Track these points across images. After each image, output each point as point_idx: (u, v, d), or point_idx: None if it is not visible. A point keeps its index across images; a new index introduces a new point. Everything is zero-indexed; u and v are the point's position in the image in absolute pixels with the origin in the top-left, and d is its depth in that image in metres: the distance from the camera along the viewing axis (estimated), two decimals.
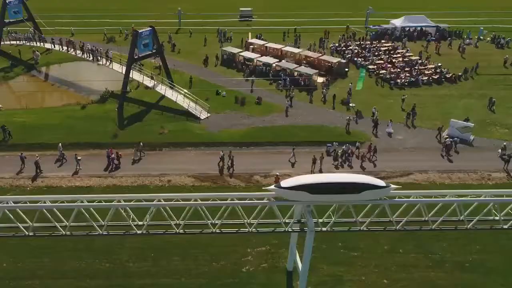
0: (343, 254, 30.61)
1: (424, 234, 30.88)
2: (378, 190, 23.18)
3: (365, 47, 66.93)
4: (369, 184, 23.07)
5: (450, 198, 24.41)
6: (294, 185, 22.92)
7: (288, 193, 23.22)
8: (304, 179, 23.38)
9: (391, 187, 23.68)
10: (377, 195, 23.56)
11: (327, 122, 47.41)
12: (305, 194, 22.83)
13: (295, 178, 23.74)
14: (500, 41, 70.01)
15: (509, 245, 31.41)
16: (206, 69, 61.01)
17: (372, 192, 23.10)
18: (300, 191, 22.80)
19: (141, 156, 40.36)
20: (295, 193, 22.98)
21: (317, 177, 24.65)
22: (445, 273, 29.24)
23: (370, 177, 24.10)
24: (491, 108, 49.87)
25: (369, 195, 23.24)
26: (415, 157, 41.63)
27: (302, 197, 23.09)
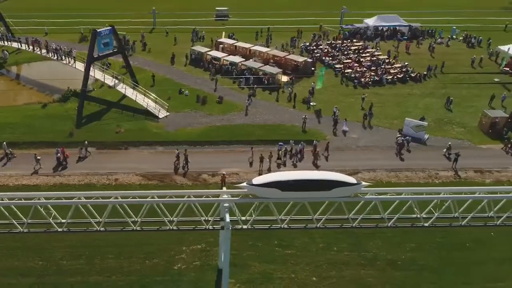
0: (277, 252, 30.75)
1: (361, 232, 31.15)
2: (349, 187, 23.46)
3: (335, 47, 67.03)
4: (340, 181, 23.30)
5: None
6: (265, 182, 23.23)
7: (259, 190, 23.51)
8: (275, 177, 23.64)
9: (362, 184, 23.95)
10: (348, 192, 23.82)
11: (286, 121, 47.53)
12: (276, 192, 23.16)
13: (267, 175, 24.07)
14: (471, 40, 70.04)
15: (444, 242, 31.59)
16: (173, 68, 61.10)
17: (343, 189, 23.38)
18: (271, 188, 23.13)
19: (86, 155, 40.45)
20: (266, 190, 23.33)
21: (288, 174, 24.81)
22: (376, 271, 29.40)
23: (342, 175, 24.20)
24: (448, 107, 49.97)
25: (340, 192, 23.54)
26: (367, 156, 41.77)
27: (273, 195, 23.40)
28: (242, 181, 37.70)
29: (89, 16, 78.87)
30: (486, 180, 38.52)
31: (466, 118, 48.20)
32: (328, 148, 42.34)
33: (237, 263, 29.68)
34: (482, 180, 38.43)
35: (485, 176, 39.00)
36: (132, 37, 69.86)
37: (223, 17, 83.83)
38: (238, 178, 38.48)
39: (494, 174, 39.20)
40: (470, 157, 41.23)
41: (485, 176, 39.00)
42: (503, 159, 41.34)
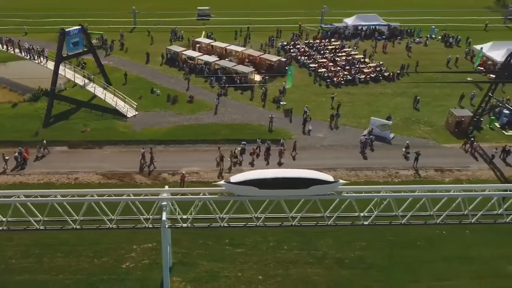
0: (227, 250, 30.80)
1: (312, 231, 31.16)
2: (327, 185, 23.64)
3: (312, 46, 67.08)
4: (317, 179, 23.46)
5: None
6: (242, 180, 23.38)
7: (237, 189, 23.65)
8: (252, 175, 23.82)
9: (340, 182, 24.13)
10: (326, 190, 23.97)
11: (253, 121, 47.58)
12: (253, 190, 23.33)
13: (245, 173, 24.16)
14: (449, 40, 70.07)
15: (395, 241, 31.64)
16: (148, 68, 61.09)
17: (320, 187, 23.53)
18: (248, 186, 23.29)
19: (45, 153, 40.47)
20: (244, 188, 23.47)
21: (266, 172, 24.94)
22: (323, 269, 29.46)
23: (319, 173, 24.34)
24: (416, 107, 50.00)
25: (317, 190, 23.68)
26: (331, 155, 41.83)
27: (251, 192, 23.57)
28: (202, 180, 38.18)
29: (69, 15, 78.70)
30: (446, 179, 38.60)
31: (434, 117, 48.23)
32: (295, 147, 42.40)
33: (185, 262, 29.81)
34: (441, 179, 38.52)
35: (445, 175, 39.06)
36: (112, 36, 69.79)
37: (205, 17, 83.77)
38: (198, 177, 38.62)
39: (455, 173, 39.24)
40: (433, 156, 41.38)
41: (445, 175, 39.06)
42: (465, 158, 41.40)
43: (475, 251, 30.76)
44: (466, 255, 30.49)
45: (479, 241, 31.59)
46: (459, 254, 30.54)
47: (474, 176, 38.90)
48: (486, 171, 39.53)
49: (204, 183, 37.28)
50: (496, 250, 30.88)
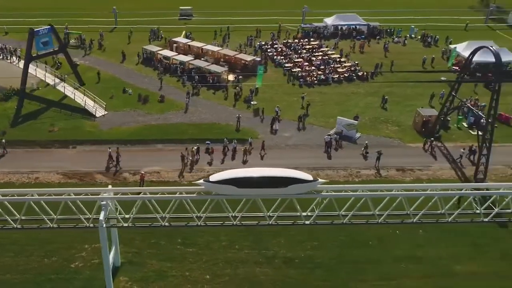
0: (178, 250, 30.87)
1: (265, 230, 31.26)
2: (306, 184, 23.67)
3: (290, 46, 67.12)
4: (297, 178, 23.52)
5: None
6: (221, 179, 23.44)
7: (216, 187, 23.72)
8: (231, 174, 23.86)
9: (319, 181, 24.19)
10: (305, 189, 24.01)
11: (222, 120, 47.61)
12: (232, 188, 23.39)
13: (224, 172, 24.15)
14: (427, 39, 70.11)
15: (347, 240, 31.70)
16: (123, 67, 61.08)
17: (299, 186, 23.58)
18: (227, 185, 23.36)
19: (4, 153, 40.53)
20: (223, 187, 23.52)
21: (245, 171, 24.96)
22: (271, 269, 29.53)
23: (299, 172, 24.41)
24: (383, 106, 50.05)
25: (296, 189, 23.73)
26: (294, 154, 41.87)
27: (230, 191, 23.61)
28: (162, 179, 38.21)
29: (51, 15, 78.61)
30: (406, 178, 38.66)
31: (403, 117, 48.28)
32: (263, 146, 42.47)
33: (135, 261, 29.90)
34: (402, 179, 38.60)
35: (406, 175, 39.13)
36: (93, 36, 69.65)
37: (187, 16, 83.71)
38: (158, 177, 38.69)
39: (416, 173, 39.31)
40: (397, 155, 41.50)
41: (406, 175, 39.12)
42: (428, 157, 41.50)
43: (426, 251, 30.85)
44: (416, 254, 30.57)
45: (431, 241, 31.70)
46: (409, 254, 30.60)
47: (435, 175, 38.98)
48: (448, 171, 39.62)
49: (164, 183, 37.37)
50: (446, 250, 30.99)
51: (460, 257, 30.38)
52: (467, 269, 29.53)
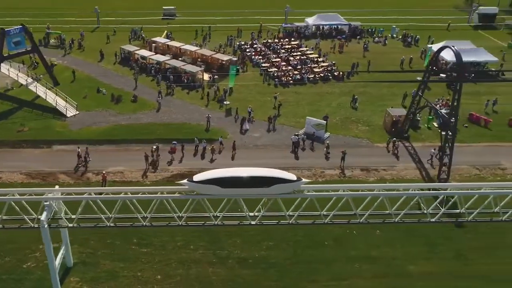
0: (133, 250, 30.78)
1: (221, 230, 31.23)
2: (289, 184, 23.71)
3: (270, 46, 67.04)
4: (280, 178, 23.57)
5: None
6: (205, 179, 23.48)
7: (199, 187, 23.73)
8: (215, 173, 23.90)
9: (302, 181, 24.21)
10: (288, 189, 24.05)
11: (193, 120, 47.52)
12: (216, 188, 23.43)
13: (207, 172, 24.19)
14: (407, 39, 70.05)
15: (303, 240, 31.63)
16: (101, 67, 61.00)
17: (282, 186, 23.64)
18: (211, 185, 23.40)
19: None
20: (207, 187, 23.55)
21: (229, 171, 24.89)
22: (224, 269, 29.45)
23: (282, 171, 24.41)
24: (353, 106, 50.00)
25: (280, 189, 23.77)
26: (261, 155, 41.78)
27: (214, 191, 23.64)
28: (125, 179, 38.12)
29: (34, 15, 78.59)
30: (370, 178, 38.60)
31: (374, 117, 48.19)
32: (234, 146, 42.41)
33: (88, 262, 29.82)
34: (366, 179, 38.55)
35: (370, 175, 39.07)
36: (74, 36, 69.51)
37: (171, 16, 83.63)
38: (121, 177, 38.60)
39: (380, 173, 39.24)
40: (363, 155, 41.53)
41: (370, 175, 39.06)
42: (394, 157, 41.31)
43: (381, 251, 30.77)
44: (371, 255, 30.50)
45: (387, 241, 31.63)
46: (364, 254, 30.54)
47: (399, 175, 38.93)
48: (412, 171, 39.57)
49: (127, 183, 37.34)
50: (401, 250, 30.93)
51: (415, 257, 30.31)
52: (421, 269, 29.46)
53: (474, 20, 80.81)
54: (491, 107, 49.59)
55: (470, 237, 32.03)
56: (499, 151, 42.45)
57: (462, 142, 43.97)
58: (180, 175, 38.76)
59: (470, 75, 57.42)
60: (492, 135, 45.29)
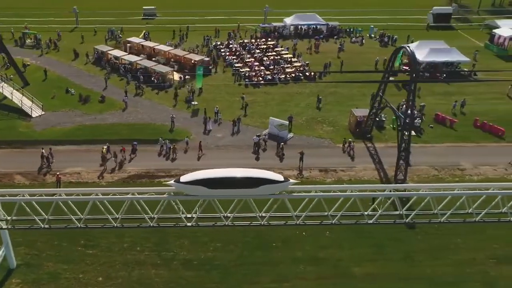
0: (78, 252, 30.58)
1: (171, 231, 31.11)
2: (276, 184, 23.54)
3: (245, 46, 66.88)
4: (267, 178, 23.39)
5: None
6: (192, 179, 23.28)
7: (186, 188, 23.52)
8: (202, 174, 23.66)
9: (290, 182, 24.06)
10: (275, 190, 23.90)
11: (158, 120, 47.34)
12: (203, 189, 23.24)
13: (194, 173, 23.96)
14: (384, 39, 69.88)
15: (251, 242, 31.46)
16: (73, 67, 60.80)
17: (270, 186, 23.47)
18: (198, 185, 23.20)
19: None
20: (193, 188, 23.35)
21: (215, 172, 24.58)
22: (168, 271, 29.28)
23: (269, 172, 24.30)
24: (318, 106, 49.83)
25: (267, 190, 23.59)
26: (222, 155, 41.57)
27: (200, 192, 23.46)
28: (82, 180, 37.95)
29: (12, 15, 78.47)
30: (328, 179, 38.40)
31: (341, 117, 48.00)
32: (201, 147, 42.27)
33: (32, 263, 29.64)
34: (323, 179, 38.33)
35: (328, 176, 38.90)
36: (52, 36, 69.31)
37: (151, 16, 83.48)
38: (78, 178, 38.41)
39: (338, 173, 39.06)
40: (324, 156, 41.42)
41: (328, 176, 38.89)
42: (355, 158, 41.10)
43: (328, 253, 30.60)
44: (317, 256, 30.33)
45: (336, 242, 31.46)
46: (310, 255, 30.36)
47: (357, 176, 38.76)
48: (370, 172, 39.39)
49: (83, 184, 37.19)
50: (349, 251, 30.75)
51: (361, 259, 30.13)
52: (365, 271, 29.29)
53: (429, 20, 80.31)
54: (459, 108, 49.36)
55: (420, 239, 31.84)
56: (461, 151, 42.27)
57: (426, 143, 43.94)
58: (137, 176, 38.79)
59: (442, 75, 57.58)
60: (456, 135, 45.11)
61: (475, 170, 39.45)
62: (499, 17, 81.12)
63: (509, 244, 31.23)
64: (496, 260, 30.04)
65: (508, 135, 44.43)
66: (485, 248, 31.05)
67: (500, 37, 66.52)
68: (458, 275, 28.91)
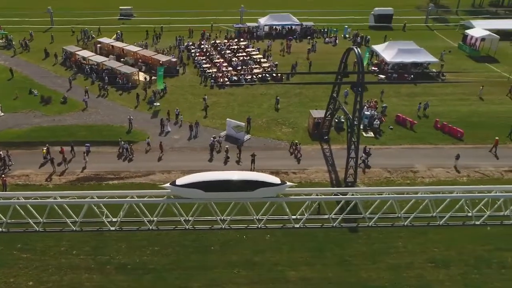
0: (13, 255, 30.17)
1: (109, 235, 30.83)
2: (273, 187, 23.65)
3: (217, 46, 66.55)
4: (264, 181, 23.48)
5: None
6: (188, 183, 23.29)
7: (183, 191, 23.59)
8: (199, 177, 23.68)
9: (287, 185, 24.18)
10: (272, 193, 23.98)
11: (117, 122, 46.97)
12: (199, 192, 23.29)
13: (191, 175, 24.05)
14: (356, 39, 69.55)
15: (191, 245, 31.06)
16: (41, 68, 60.42)
17: (266, 189, 23.58)
18: (194, 189, 23.22)
19: None
20: (190, 191, 23.43)
21: (212, 174, 24.69)
22: (100, 275, 28.87)
23: (266, 175, 24.59)
24: (276, 107, 49.48)
25: (264, 193, 23.69)
26: (175, 157, 41.30)
27: (197, 195, 23.51)
28: (29, 183, 37.56)
29: None
30: None
31: (302, 119, 47.62)
32: (162, 148, 41.97)
33: None
34: None
35: (279, 177, 38.29)
36: (25, 36, 68.99)
37: (128, 16, 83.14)
38: (26, 180, 38.04)
39: (290, 176, 38.62)
40: (278, 158, 41.14)
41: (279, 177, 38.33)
42: (309, 160, 40.75)
43: (265, 257, 30.17)
44: (253, 260, 29.91)
45: (275, 246, 31.08)
46: (247, 259, 29.94)
47: (308, 178, 38.40)
48: (322, 174, 39.01)
49: (29, 186, 36.79)
50: (286, 255, 30.32)
51: (298, 263, 29.73)
52: (301, 275, 28.90)
53: (370, 21, 79.88)
54: (422, 111, 48.88)
55: (362, 242, 31.46)
56: (417, 153, 41.94)
57: (383, 144, 43.58)
58: (86, 178, 38.41)
59: (410, 76, 57.25)
60: (415, 137, 44.75)
61: (427, 173, 39.07)
62: (476, 18, 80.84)
63: (449, 248, 30.84)
64: (434, 264, 29.64)
65: (467, 137, 44.09)
66: (425, 251, 30.67)
67: (472, 38, 66.11)
68: (393, 280, 28.52)
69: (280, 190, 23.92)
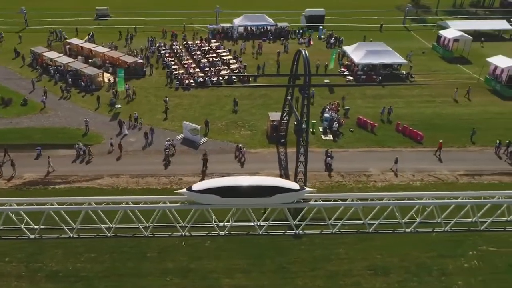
0: None
1: (46, 242, 30.22)
2: (292, 193, 23.27)
3: (189, 47, 65.91)
4: (281, 187, 23.03)
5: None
6: (205, 188, 22.97)
7: (199, 197, 23.20)
8: (215, 183, 23.47)
9: (306, 190, 23.84)
10: (290, 198, 23.59)
11: (75, 124, 46.29)
12: (216, 198, 22.89)
13: (207, 181, 24.07)
14: (330, 40, 68.89)
15: (128, 252, 30.39)
16: (8, 69, 59.68)
17: (285, 195, 23.18)
18: (211, 194, 22.84)
19: None
20: (206, 197, 23.06)
21: (229, 180, 24.48)
22: (29, 283, 28.20)
23: (284, 180, 24.42)
24: (234, 110, 48.82)
25: (282, 198, 23.24)
26: (127, 161, 40.71)
27: (213, 201, 23.11)
28: None
29: None
30: None
31: (263, 121, 46.93)
32: (121, 149, 41.41)
33: None
34: None
35: None
36: None
37: (103, 17, 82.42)
38: None
39: None
40: (231, 161, 40.34)
41: None
42: (263, 163, 40.06)
43: (201, 264, 29.44)
44: (189, 267, 29.22)
45: (214, 252, 30.36)
46: (183, 266, 29.22)
47: None
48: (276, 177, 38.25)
49: None
50: (224, 262, 29.57)
51: (234, 270, 29.04)
52: (235, 283, 28.22)
53: (302, 21, 78.98)
54: (386, 115, 48.06)
55: (304, 249, 30.72)
56: (373, 156, 41.32)
57: (341, 147, 42.95)
58: (32, 182, 37.72)
59: (378, 77, 56.62)
60: (375, 140, 44.11)
61: (380, 177, 38.43)
62: (454, 18, 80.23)
63: (392, 255, 30.18)
64: (373, 271, 28.99)
65: (427, 140, 43.45)
66: (367, 258, 30.00)
67: (445, 39, 65.48)
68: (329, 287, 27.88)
69: (299, 195, 23.19)
